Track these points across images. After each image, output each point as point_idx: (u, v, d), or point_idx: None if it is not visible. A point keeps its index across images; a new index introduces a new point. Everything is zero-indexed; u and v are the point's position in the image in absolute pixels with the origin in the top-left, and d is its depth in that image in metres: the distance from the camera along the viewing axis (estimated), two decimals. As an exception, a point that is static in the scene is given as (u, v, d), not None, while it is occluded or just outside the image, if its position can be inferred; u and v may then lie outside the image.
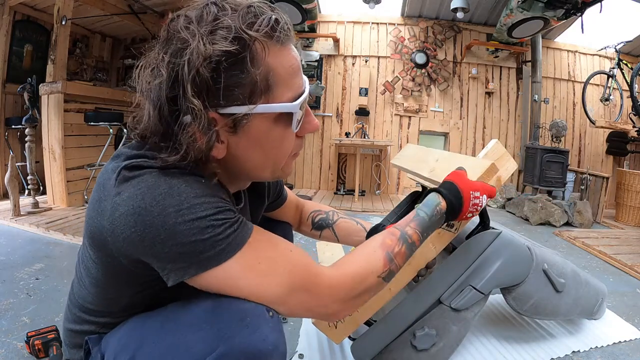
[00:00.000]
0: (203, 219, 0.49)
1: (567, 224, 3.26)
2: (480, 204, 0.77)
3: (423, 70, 4.50)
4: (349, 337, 1.04)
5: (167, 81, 0.51)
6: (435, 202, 0.75)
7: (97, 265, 0.56)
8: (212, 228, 0.49)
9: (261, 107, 0.53)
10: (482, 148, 1.20)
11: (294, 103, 0.56)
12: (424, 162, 1.11)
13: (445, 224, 0.83)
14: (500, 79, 4.59)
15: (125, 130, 3.22)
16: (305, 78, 0.60)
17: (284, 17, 0.55)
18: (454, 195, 0.75)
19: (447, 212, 0.75)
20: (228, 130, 0.54)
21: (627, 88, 3.83)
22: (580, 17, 3.20)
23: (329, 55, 4.56)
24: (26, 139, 2.79)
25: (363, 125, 4.44)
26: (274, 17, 0.53)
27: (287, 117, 0.57)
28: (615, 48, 3.88)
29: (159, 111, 0.52)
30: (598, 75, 4.24)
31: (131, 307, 0.59)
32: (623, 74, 3.99)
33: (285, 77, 0.55)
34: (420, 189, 1.30)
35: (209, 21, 0.51)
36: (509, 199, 3.86)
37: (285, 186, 0.98)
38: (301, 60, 0.61)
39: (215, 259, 0.50)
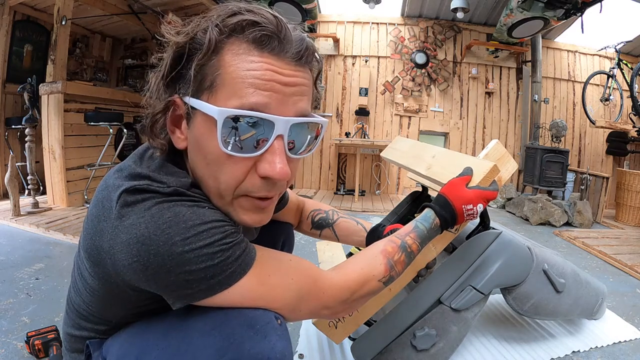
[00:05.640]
0: (212, 245, 0.48)
1: (567, 224, 3.26)
2: (475, 214, 0.79)
3: (423, 70, 4.50)
4: (349, 337, 1.04)
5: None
6: (431, 217, 0.78)
7: (94, 278, 0.55)
8: (222, 252, 0.48)
9: (194, 102, 0.50)
10: (482, 148, 1.19)
11: (218, 108, 0.47)
12: (419, 159, 1.10)
13: None
14: (500, 79, 4.59)
15: (125, 130, 3.22)
16: (296, 116, 0.51)
17: (284, 30, 0.50)
18: (446, 212, 0.78)
19: (442, 226, 0.79)
20: (185, 122, 0.54)
21: (627, 88, 3.83)
22: (580, 17, 3.20)
23: (329, 55, 4.56)
24: (26, 139, 2.79)
25: (363, 125, 4.44)
26: (256, 19, 0.49)
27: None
28: (615, 48, 3.88)
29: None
30: (598, 75, 4.24)
31: (130, 317, 0.58)
32: (623, 74, 3.99)
33: (238, 82, 0.48)
34: (420, 189, 1.30)
35: (205, 17, 0.52)
36: (509, 199, 3.86)
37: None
38: (318, 85, 0.57)
39: (226, 281, 0.49)
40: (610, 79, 4.09)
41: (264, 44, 0.49)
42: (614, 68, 4.06)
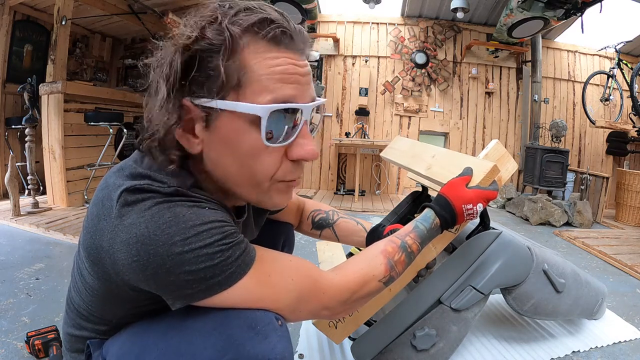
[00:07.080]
0: (211, 245, 0.48)
1: (567, 224, 3.26)
2: (475, 214, 0.79)
3: (423, 70, 4.50)
4: (349, 337, 1.04)
5: (155, 65, 0.52)
6: (431, 217, 0.79)
7: (93, 277, 0.55)
8: (222, 252, 0.48)
9: (225, 103, 0.50)
10: (482, 148, 1.20)
11: (261, 105, 0.50)
12: (419, 158, 1.10)
13: None
14: (500, 79, 4.59)
15: (125, 130, 3.22)
16: (312, 101, 0.55)
17: (291, 24, 0.53)
18: (446, 212, 0.78)
19: (442, 226, 0.80)
20: (202, 125, 0.52)
21: (627, 88, 3.83)
22: (580, 17, 3.20)
23: (329, 55, 4.56)
24: (26, 139, 2.79)
25: (363, 125, 4.44)
26: (269, 17, 0.51)
27: (259, 123, 0.51)
28: (615, 48, 3.88)
29: (149, 96, 0.53)
30: (598, 75, 4.24)
31: (129, 317, 0.58)
32: (623, 74, 3.99)
33: (265, 79, 0.50)
34: (420, 189, 1.30)
35: (205, 14, 0.51)
36: (509, 199, 3.86)
37: None
38: (318, 84, 0.58)
39: (226, 282, 0.49)
40: (610, 79, 4.09)
41: (281, 41, 0.52)
42: (614, 68, 4.05)
